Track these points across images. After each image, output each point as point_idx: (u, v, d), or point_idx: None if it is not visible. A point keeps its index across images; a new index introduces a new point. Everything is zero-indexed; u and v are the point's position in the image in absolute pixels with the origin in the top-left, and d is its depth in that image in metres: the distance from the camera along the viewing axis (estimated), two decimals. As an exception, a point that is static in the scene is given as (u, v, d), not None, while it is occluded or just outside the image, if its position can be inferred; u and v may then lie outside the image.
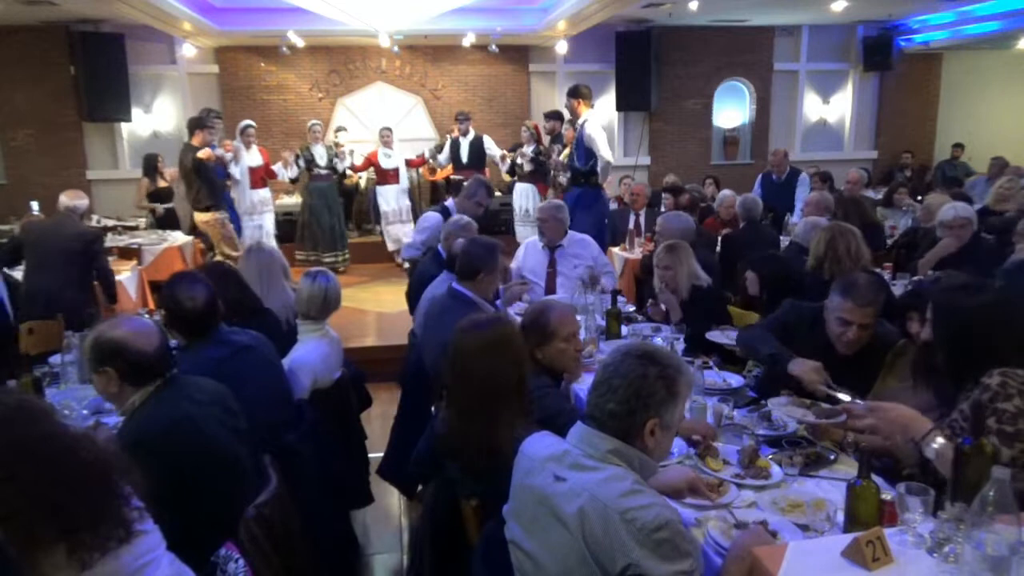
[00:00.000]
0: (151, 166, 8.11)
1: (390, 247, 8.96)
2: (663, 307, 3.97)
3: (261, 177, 8.10)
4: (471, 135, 8.70)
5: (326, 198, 8.53)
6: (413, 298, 4.39)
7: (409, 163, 9.05)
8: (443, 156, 8.90)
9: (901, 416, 1.98)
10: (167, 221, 8.08)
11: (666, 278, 3.95)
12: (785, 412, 2.51)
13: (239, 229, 7.62)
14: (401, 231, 8.80)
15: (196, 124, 7.08)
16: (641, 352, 1.72)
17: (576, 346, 2.60)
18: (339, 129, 8.94)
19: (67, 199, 5.02)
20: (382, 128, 8.82)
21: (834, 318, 2.73)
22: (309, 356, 3.06)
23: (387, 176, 8.70)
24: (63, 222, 4.94)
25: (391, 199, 8.77)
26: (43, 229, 5.02)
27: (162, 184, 8.16)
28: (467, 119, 8.69)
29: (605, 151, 6.13)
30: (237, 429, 2.19)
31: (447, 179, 9.13)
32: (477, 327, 2.21)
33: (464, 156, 8.64)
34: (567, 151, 7.31)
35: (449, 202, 5.26)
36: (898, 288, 4.47)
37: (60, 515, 1.39)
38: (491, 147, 8.72)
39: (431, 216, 5.11)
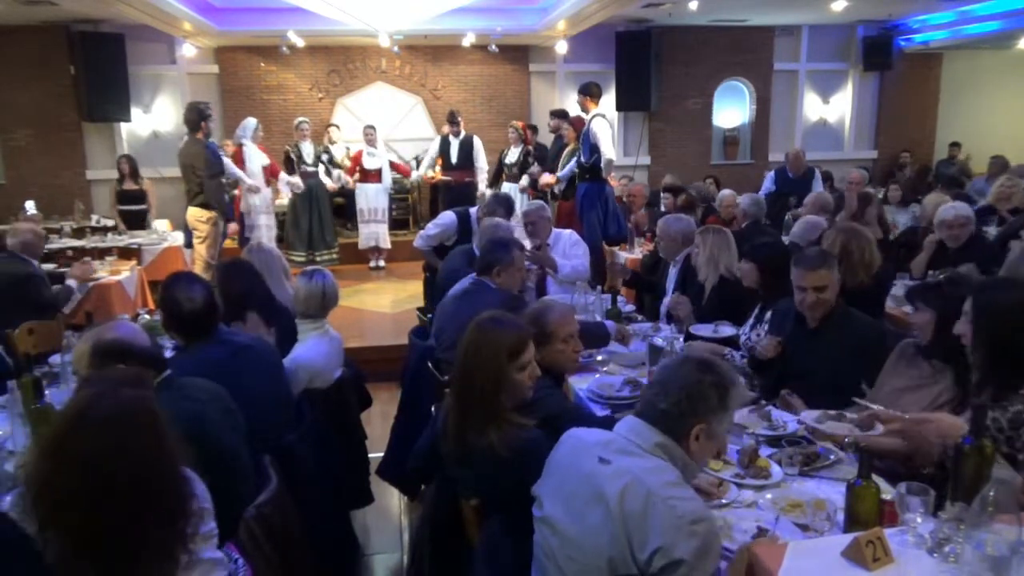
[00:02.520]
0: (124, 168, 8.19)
1: (361, 245, 8.95)
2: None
3: (269, 175, 8.14)
4: (462, 135, 8.65)
5: (311, 196, 8.52)
6: (435, 289, 4.51)
7: (394, 167, 9.03)
8: (426, 161, 8.87)
9: (942, 427, 1.98)
10: (135, 224, 8.09)
11: (693, 256, 4.12)
12: (826, 428, 2.36)
13: (224, 233, 7.54)
14: (378, 230, 8.82)
15: (200, 117, 6.76)
16: (700, 360, 1.79)
17: (575, 347, 2.59)
18: (330, 126, 8.94)
19: (12, 238, 4.75)
20: (366, 127, 8.78)
21: (795, 288, 2.92)
22: (310, 354, 3.08)
23: (368, 175, 8.69)
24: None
25: (371, 197, 8.73)
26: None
27: (130, 186, 8.17)
28: (457, 120, 8.65)
29: (608, 149, 6.36)
30: (236, 428, 2.19)
31: (434, 184, 9.11)
32: (494, 324, 2.20)
33: (454, 156, 8.60)
34: (570, 148, 7.35)
35: (473, 209, 5.37)
36: (898, 288, 4.46)
37: (116, 544, 1.23)
38: (479, 149, 8.66)
39: (448, 215, 5.30)
